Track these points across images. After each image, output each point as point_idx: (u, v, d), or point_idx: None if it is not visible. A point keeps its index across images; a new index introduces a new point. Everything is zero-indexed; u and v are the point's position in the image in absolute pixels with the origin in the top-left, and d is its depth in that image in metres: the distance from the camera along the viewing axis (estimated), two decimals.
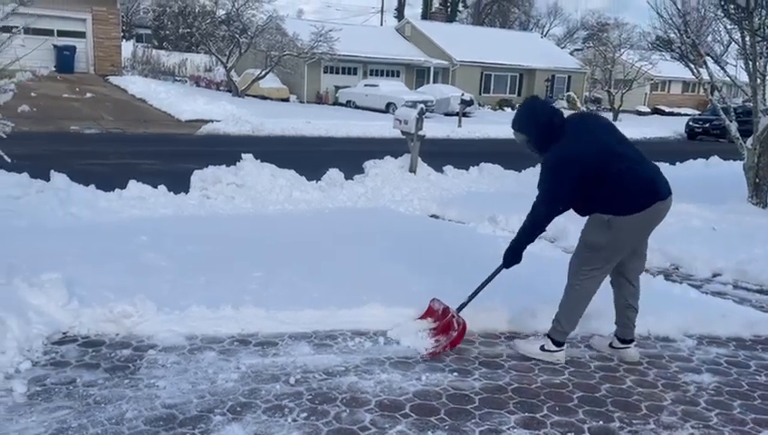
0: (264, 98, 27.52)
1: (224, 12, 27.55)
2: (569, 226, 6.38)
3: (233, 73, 27.92)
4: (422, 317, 3.91)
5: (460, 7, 53.27)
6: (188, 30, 28.68)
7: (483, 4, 50.51)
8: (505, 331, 3.96)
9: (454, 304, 3.77)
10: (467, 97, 27.11)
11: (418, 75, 34.39)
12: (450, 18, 47.67)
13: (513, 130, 3.48)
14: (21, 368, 3.16)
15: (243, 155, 8.27)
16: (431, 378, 3.27)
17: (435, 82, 32.93)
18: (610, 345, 3.70)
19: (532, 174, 10.80)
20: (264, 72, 27.48)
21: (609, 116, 33.18)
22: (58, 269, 4.02)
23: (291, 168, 8.42)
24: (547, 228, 3.50)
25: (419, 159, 9.53)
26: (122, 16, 27.67)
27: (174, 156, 12.34)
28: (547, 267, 4.79)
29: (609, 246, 3.34)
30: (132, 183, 7.39)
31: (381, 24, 47.31)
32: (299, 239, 5.84)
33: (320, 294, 4.26)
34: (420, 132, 9.46)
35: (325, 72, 31.32)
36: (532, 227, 3.46)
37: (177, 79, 29.81)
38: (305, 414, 2.86)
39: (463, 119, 23.45)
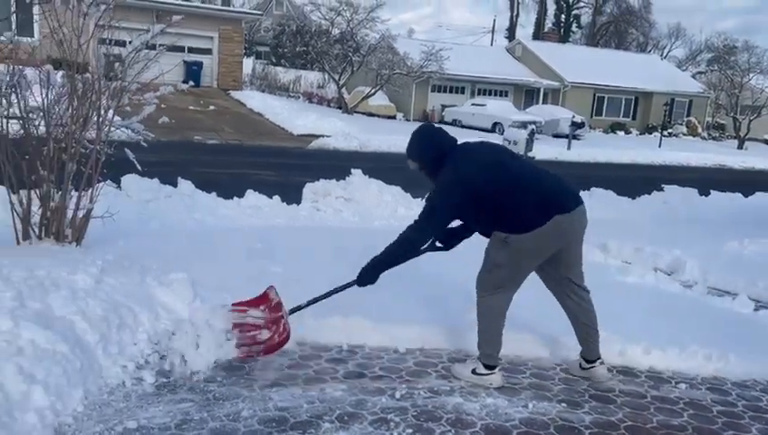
0: (371, 115, 28.14)
1: (338, 31, 28.53)
2: (687, 258, 6.05)
3: (343, 90, 28.79)
4: (253, 303, 3.75)
5: (574, 28, 52.09)
6: (305, 48, 29.94)
7: (598, 24, 49.09)
8: (617, 364, 3.80)
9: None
10: (578, 119, 26.36)
11: (527, 96, 33.89)
12: (563, 39, 46.67)
13: (407, 160, 3.45)
14: (150, 360, 3.41)
15: (352, 170, 8.51)
16: (538, 406, 3.20)
17: (544, 103, 32.31)
18: (580, 367, 3.58)
19: (647, 202, 10.35)
20: (373, 90, 28.13)
21: (733, 144, 31.21)
22: (184, 270, 4.31)
23: (396, 184, 8.55)
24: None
25: None
26: (245, 34, 29.33)
27: (287, 168, 12.89)
28: (667, 304, 4.56)
29: (510, 265, 3.27)
30: (250, 192, 7.81)
31: (492, 44, 47.10)
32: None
33: (427, 311, 4.28)
34: (530, 153, 9.33)
35: (433, 91, 31.58)
36: (399, 247, 3.36)
37: (291, 95, 31.13)
38: (410, 430, 2.88)
39: (573, 141, 22.81)
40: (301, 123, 20.86)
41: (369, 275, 3.47)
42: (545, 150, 18.74)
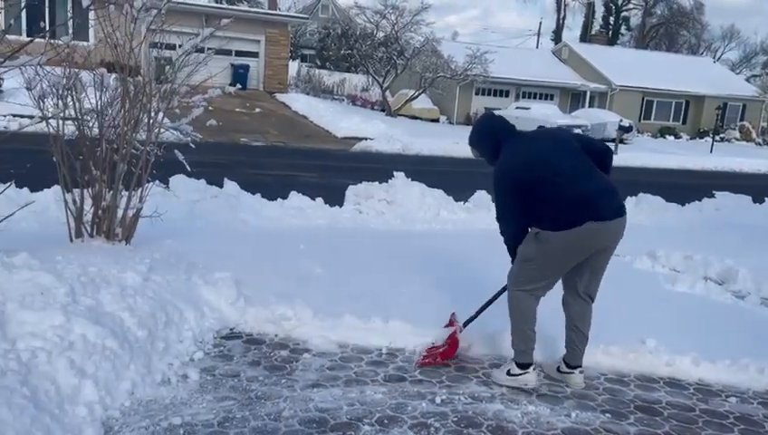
0: (414, 118, 28.12)
1: (383, 34, 28.62)
2: (740, 268, 5.84)
3: (387, 93, 28.86)
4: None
5: (623, 30, 50.99)
6: (349, 51, 30.14)
7: (648, 26, 47.95)
8: (664, 375, 3.70)
9: None
10: (626, 123, 25.77)
11: (573, 99, 33.33)
12: (611, 41, 45.73)
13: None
14: (195, 357, 3.48)
15: (394, 173, 8.51)
16: (581, 416, 3.13)
17: (591, 106, 31.70)
18: (558, 369, 3.51)
19: (698, 209, 10.03)
20: (417, 93, 28.11)
21: None
22: (229, 269, 4.39)
23: (438, 187, 8.51)
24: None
25: None
26: (291, 38, 29.72)
27: (330, 170, 12.99)
28: (718, 315, 4.42)
29: (538, 261, 3.24)
30: (293, 194, 7.89)
31: (537, 47, 46.52)
32: (447, 259, 5.87)
33: (466, 317, 4.24)
34: None
35: (477, 94, 31.36)
36: (507, 247, 3.42)
37: (335, 97, 31.40)
38: None
39: (620, 146, 22.32)
40: (344, 126, 21.00)
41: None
42: None
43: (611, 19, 51.11)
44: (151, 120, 4.47)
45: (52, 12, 20.04)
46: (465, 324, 3.75)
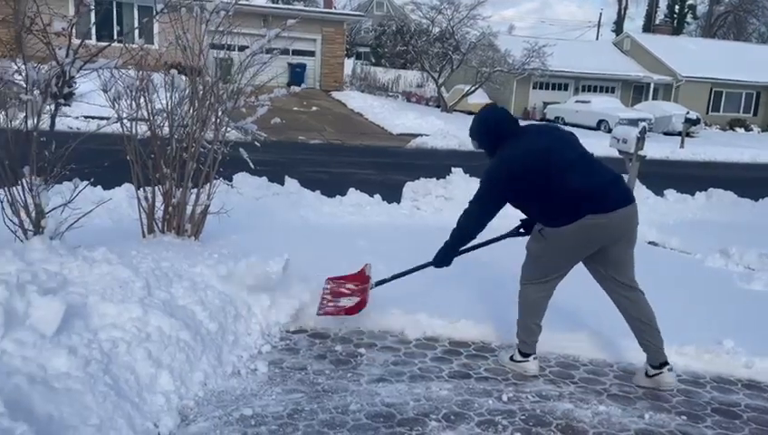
0: (470, 113, 27.79)
1: (439, 30, 28.47)
2: None
3: (442, 89, 28.72)
4: (351, 277, 4.09)
5: (688, 19, 49.02)
6: (404, 48, 30.10)
7: (715, 15, 45.99)
8: (743, 377, 3.54)
9: None
10: (693, 115, 24.80)
11: (636, 92, 32.28)
12: (676, 31, 44.04)
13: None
14: (263, 350, 3.56)
15: (452, 169, 8.46)
16: (655, 418, 3.04)
17: (654, 98, 30.65)
18: (646, 375, 3.34)
19: None
20: (473, 88, 27.85)
21: None
22: (292, 265, 4.46)
23: None
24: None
25: (637, 180, 8.93)
26: (346, 36, 29.95)
27: (386, 167, 13.03)
28: None
29: (544, 257, 3.29)
30: (352, 191, 7.95)
31: (597, 39, 45.28)
32: (508, 256, 5.79)
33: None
34: (640, 152, 8.86)
35: (534, 88, 30.82)
36: (458, 231, 3.46)
37: (390, 94, 31.43)
38: (519, 434, 2.83)
39: (686, 139, 21.49)
40: (400, 122, 21.02)
41: (441, 258, 3.63)
42: (656, 148, 17.78)
43: (676, 8, 49.19)
44: (218, 120, 4.59)
45: (120, 17, 20.85)
46: (378, 284, 3.89)
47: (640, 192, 8.90)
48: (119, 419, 2.54)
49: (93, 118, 10.79)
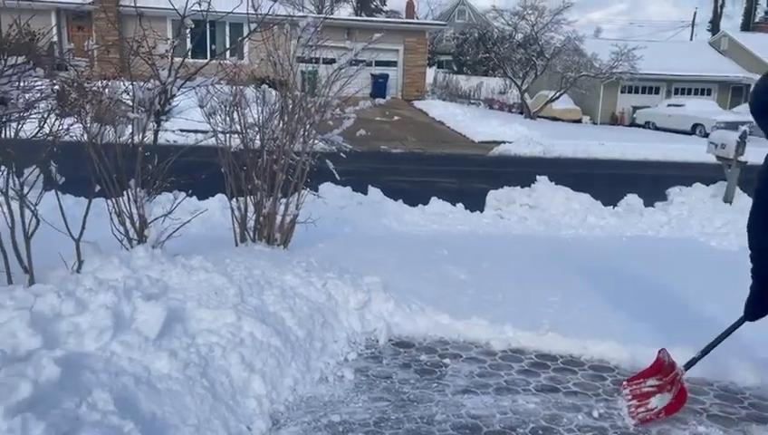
0: (554, 119, 27.25)
1: (522, 35, 28.07)
2: None
3: (525, 95, 28.25)
4: (648, 372, 3.35)
5: None
6: (487, 55, 29.89)
7: None
8: None
9: None
10: None
11: (734, 93, 30.48)
12: None
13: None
14: (349, 357, 3.63)
15: (537, 177, 8.31)
16: None
17: None
18: None
19: None
20: (557, 94, 27.24)
21: None
22: (377, 274, 4.52)
23: (582, 190, 8.17)
24: None
25: (737, 188, 8.44)
26: (428, 45, 30.05)
27: (468, 175, 12.95)
28: None
29: None
30: (434, 200, 7.97)
31: (692, 39, 43.16)
32: (596, 265, 5.62)
33: (622, 326, 4.04)
34: (741, 158, 8.37)
35: (623, 92, 29.74)
36: (752, 251, 2.83)
37: (472, 102, 31.25)
38: None
39: None
40: (482, 130, 20.84)
41: (753, 306, 2.98)
42: (758, 153, 16.67)
43: None
44: (306, 132, 4.74)
45: (213, 35, 21.92)
46: (687, 367, 3.18)
47: (741, 200, 8.40)
48: (215, 420, 2.67)
49: (189, 131, 11.38)
